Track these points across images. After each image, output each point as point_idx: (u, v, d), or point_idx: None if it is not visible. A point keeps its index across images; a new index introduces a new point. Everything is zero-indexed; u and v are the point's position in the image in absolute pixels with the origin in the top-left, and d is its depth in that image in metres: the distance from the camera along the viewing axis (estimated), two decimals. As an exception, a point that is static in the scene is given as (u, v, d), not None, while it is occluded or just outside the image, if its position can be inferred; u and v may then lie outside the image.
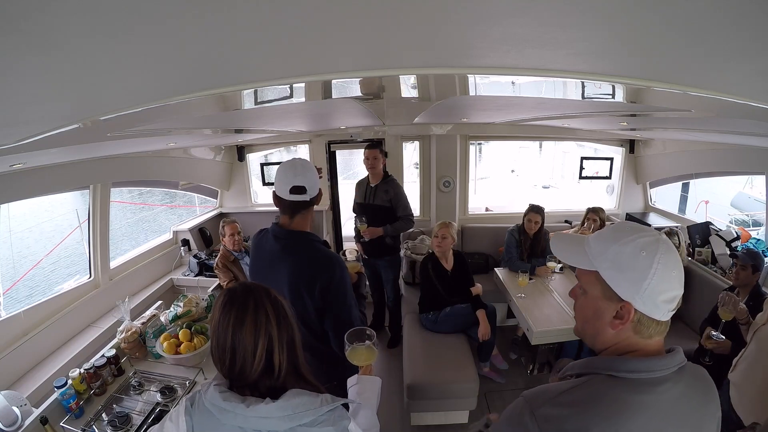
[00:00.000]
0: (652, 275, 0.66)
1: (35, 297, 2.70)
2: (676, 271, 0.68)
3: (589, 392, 0.68)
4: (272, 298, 0.87)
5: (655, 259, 0.67)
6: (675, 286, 0.68)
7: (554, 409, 0.68)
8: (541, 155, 11.03)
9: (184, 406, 0.84)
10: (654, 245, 0.68)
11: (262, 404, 0.78)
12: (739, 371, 1.81)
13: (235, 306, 0.84)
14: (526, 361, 3.26)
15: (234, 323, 0.82)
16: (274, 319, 0.84)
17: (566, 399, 0.69)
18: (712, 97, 0.95)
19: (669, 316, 0.70)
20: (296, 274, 1.37)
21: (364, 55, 0.76)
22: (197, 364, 1.91)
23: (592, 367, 0.71)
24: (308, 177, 1.39)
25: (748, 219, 5.99)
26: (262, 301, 0.85)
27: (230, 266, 3.07)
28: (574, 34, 0.58)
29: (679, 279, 0.69)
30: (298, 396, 0.81)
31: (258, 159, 4.55)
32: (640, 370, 0.68)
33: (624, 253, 0.69)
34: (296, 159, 1.45)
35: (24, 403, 1.68)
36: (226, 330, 0.82)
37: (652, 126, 2.65)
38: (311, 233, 1.46)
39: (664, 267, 0.67)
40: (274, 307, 0.85)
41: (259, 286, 0.89)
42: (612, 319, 0.71)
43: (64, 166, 2.32)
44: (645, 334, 0.70)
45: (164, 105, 1.00)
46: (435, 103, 1.77)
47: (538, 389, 0.73)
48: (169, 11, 0.43)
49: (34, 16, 0.37)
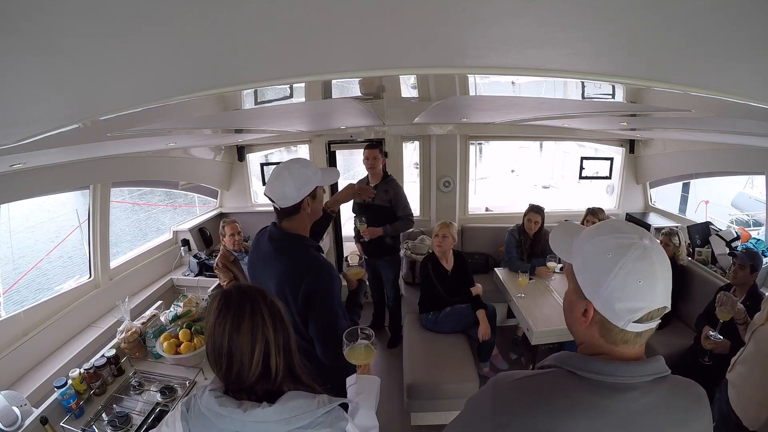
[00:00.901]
0: (611, 279, 0.63)
1: (35, 297, 2.70)
2: (644, 281, 0.62)
3: (546, 384, 0.69)
4: (268, 302, 0.86)
5: (619, 264, 0.63)
6: (639, 297, 0.63)
7: (511, 393, 0.70)
8: (542, 155, 11.04)
9: (180, 411, 0.83)
10: (623, 249, 0.64)
11: (259, 408, 0.77)
12: (738, 371, 1.81)
13: (231, 310, 0.82)
14: (526, 361, 3.26)
15: (230, 328, 0.81)
16: (271, 322, 0.83)
17: (525, 385, 0.70)
18: (712, 97, 0.95)
19: (636, 329, 0.64)
20: (283, 277, 1.37)
21: (364, 55, 0.76)
22: (197, 364, 1.91)
23: (560, 361, 0.71)
24: (278, 186, 1.36)
25: (749, 219, 5.99)
26: (258, 305, 0.83)
27: (230, 266, 3.07)
28: (574, 34, 0.58)
29: (647, 290, 0.63)
30: (294, 399, 0.80)
31: (258, 159, 4.55)
32: (602, 372, 0.65)
33: (592, 251, 0.67)
34: (282, 164, 1.42)
35: (24, 403, 1.68)
36: (223, 335, 0.81)
37: (652, 126, 2.65)
38: (306, 238, 1.45)
39: (628, 273, 0.62)
40: (270, 310, 0.84)
41: (255, 288, 0.88)
42: (580, 315, 0.70)
43: (64, 166, 2.32)
44: (609, 339, 0.67)
45: (164, 105, 1.00)
46: (435, 103, 1.77)
47: (508, 372, 0.75)
48: (169, 11, 0.43)
49: (34, 16, 0.37)
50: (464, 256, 3.11)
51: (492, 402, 0.70)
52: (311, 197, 1.42)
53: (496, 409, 0.69)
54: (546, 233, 3.47)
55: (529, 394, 0.68)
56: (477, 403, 0.75)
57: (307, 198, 1.40)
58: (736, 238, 3.34)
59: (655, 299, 0.63)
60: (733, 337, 2.01)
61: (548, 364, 0.73)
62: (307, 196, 1.40)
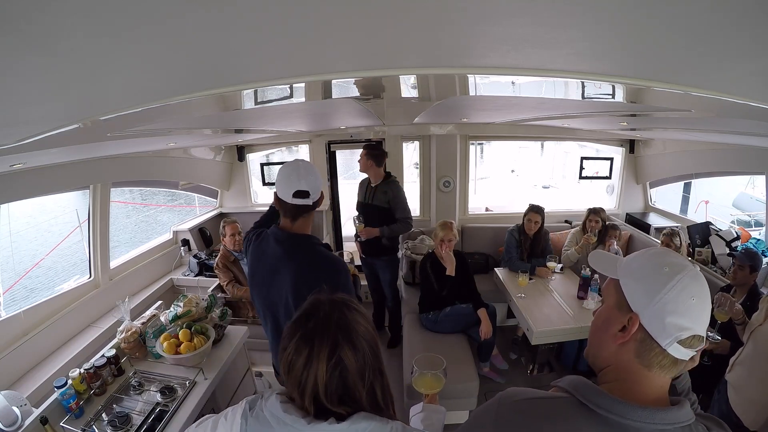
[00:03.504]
0: (668, 290, 0.63)
1: (35, 297, 2.70)
2: (697, 300, 0.63)
3: (553, 411, 0.66)
4: (349, 330, 0.76)
5: (676, 278, 0.63)
6: (690, 314, 0.62)
7: (515, 416, 0.68)
8: (543, 155, 11.04)
9: (242, 408, 0.80)
10: (679, 267, 0.64)
11: (325, 423, 0.72)
12: (737, 372, 1.81)
13: (309, 343, 0.74)
14: (526, 361, 3.26)
15: (306, 361, 0.73)
16: (352, 354, 0.75)
17: (531, 408, 0.68)
18: (712, 97, 0.95)
19: (677, 353, 0.63)
20: (300, 278, 1.36)
21: (364, 55, 0.76)
22: (197, 364, 1.91)
23: (573, 387, 0.68)
24: (310, 180, 1.38)
25: (750, 219, 5.99)
26: (334, 336, 0.75)
27: (230, 266, 3.08)
28: (574, 34, 0.58)
29: (698, 311, 0.63)
30: (366, 420, 0.74)
31: (258, 159, 4.55)
32: (611, 411, 0.62)
33: (647, 266, 0.67)
34: (299, 161, 1.43)
35: (24, 403, 1.67)
36: (299, 366, 0.74)
37: (652, 126, 2.65)
38: (313, 236, 1.45)
39: (683, 289, 0.63)
40: (351, 343, 0.75)
41: (334, 312, 0.78)
42: (617, 332, 0.68)
43: (64, 166, 2.32)
44: (646, 360, 0.65)
45: (164, 105, 1.00)
46: (435, 103, 1.77)
47: (516, 390, 0.73)
48: (169, 11, 0.43)
49: (35, 16, 0.37)
50: (464, 256, 3.11)
51: (495, 420, 0.69)
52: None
53: (498, 428, 0.68)
54: (546, 233, 3.47)
55: (533, 419, 0.66)
56: (479, 420, 0.73)
57: (321, 193, 1.45)
58: (736, 238, 3.34)
59: (702, 323, 0.63)
60: (732, 338, 2.01)
61: (561, 386, 0.70)
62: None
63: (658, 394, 0.66)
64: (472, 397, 2.47)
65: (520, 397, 0.70)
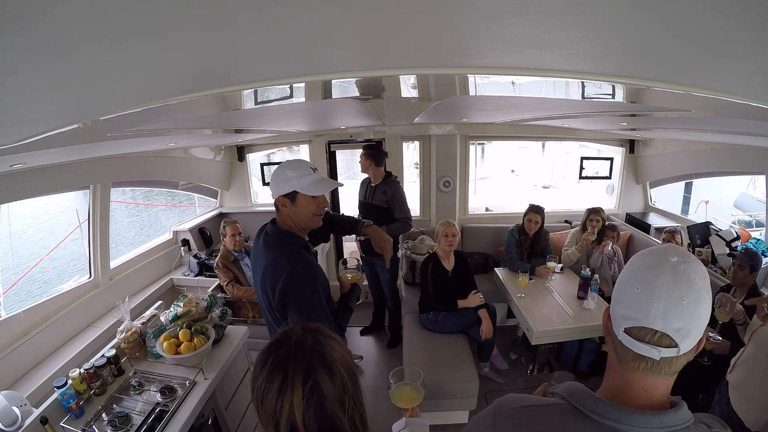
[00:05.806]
0: (621, 279, 0.64)
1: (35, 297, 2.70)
2: (642, 291, 0.60)
3: (549, 419, 0.66)
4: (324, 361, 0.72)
5: (629, 269, 0.64)
6: (632, 305, 0.60)
7: (512, 423, 0.68)
8: (544, 155, 11.04)
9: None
10: (646, 258, 0.63)
11: None
12: (738, 372, 1.81)
13: (282, 369, 0.70)
14: (526, 361, 3.26)
15: (279, 388, 0.69)
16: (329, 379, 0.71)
17: (527, 416, 0.68)
18: (712, 97, 0.95)
19: (632, 345, 0.61)
20: (266, 272, 1.42)
21: (364, 55, 0.76)
22: (197, 364, 1.91)
23: (569, 394, 0.67)
24: (272, 178, 1.45)
25: (752, 219, 5.99)
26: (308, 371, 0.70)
27: (230, 266, 3.08)
28: (574, 34, 0.58)
29: (641, 301, 0.59)
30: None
31: (258, 159, 4.56)
32: (606, 416, 0.62)
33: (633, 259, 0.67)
34: (287, 161, 1.48)
35: (24, 403, 1.67)
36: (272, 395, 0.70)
37: (652, 126, 2.65)
38: (294, 236, 1.47)
39: (630, 278, 0.62)
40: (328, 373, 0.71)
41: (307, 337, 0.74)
42: (606, 335, 0.69)
43: (64, 166, 2.32)
44: (623, 359, 0.64)
45: (164, 105, 1.00)
46: (435, 103, 1.77)
47: (513, 397, 0.73)
48: (169, 11, 0.43)
49: (35, 17, 0.37)
50: (465, 256, 3.11)
51: (493, 428, 0.69)
52: (289, 199, 1.42)
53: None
54: (546, 233, 3.47)
55: (526, 424, 0.66)
56: (477, 427, 0.74)
57: (281, 197, 1.42)
58: (736, 238, 3.33)
59: (648, 316, 0.59)
60: (732, 338, 2.01)
61: (558, 393, 0.70)
62: (282, 196, 1.42)
63: (654, 398, 0.64)
64: (472, 397, 2.48)
65: (517, 405, 0.70)
